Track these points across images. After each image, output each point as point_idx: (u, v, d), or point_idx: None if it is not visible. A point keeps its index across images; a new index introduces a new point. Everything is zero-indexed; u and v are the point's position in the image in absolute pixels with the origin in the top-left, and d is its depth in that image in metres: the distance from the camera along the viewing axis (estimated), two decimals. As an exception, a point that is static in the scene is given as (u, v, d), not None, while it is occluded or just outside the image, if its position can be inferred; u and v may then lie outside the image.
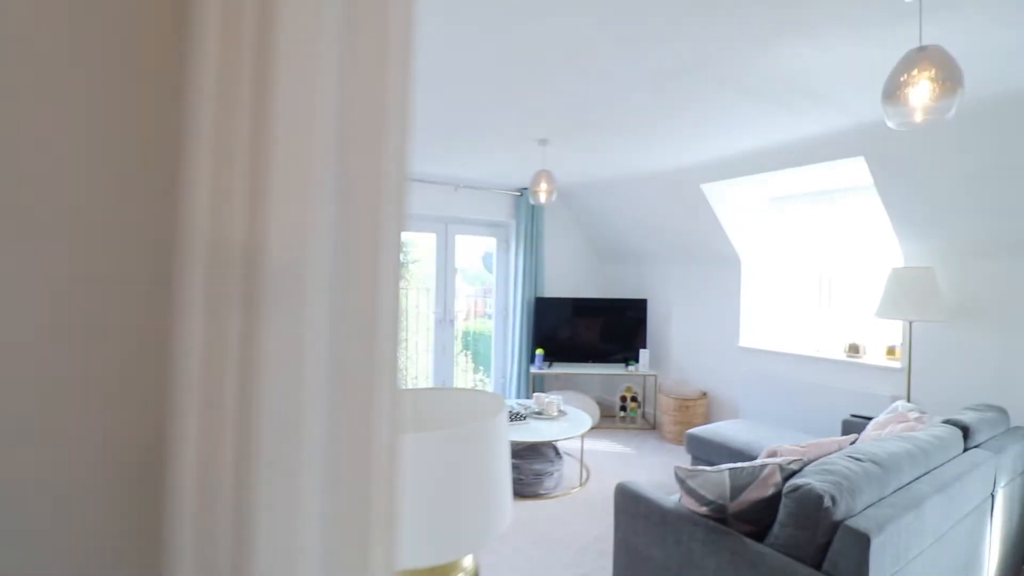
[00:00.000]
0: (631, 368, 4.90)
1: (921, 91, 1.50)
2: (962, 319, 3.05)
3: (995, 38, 1.84)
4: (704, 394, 4.51)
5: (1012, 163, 2.57)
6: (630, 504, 2.02)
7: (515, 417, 3.59)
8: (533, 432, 3.41)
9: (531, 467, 3.31)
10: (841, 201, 3.91)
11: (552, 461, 3.41)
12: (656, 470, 3.81)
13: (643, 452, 4.19)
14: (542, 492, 3.30)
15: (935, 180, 2.86)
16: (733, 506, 1.73)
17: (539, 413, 3.75)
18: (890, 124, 1.60)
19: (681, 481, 1.80)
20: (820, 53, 1.99)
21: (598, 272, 5.92)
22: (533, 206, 5.20)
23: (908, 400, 3.12)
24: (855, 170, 3.34)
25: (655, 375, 4.89)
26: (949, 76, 1.41)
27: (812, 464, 1.75)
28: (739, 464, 1.79)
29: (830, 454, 1.97)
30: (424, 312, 5.14)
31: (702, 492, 1.76)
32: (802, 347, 4.03)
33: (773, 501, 1.73)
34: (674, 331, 4.99)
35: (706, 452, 3.28)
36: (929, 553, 1.65)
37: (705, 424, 4.39)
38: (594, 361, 5.12)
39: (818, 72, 2.18)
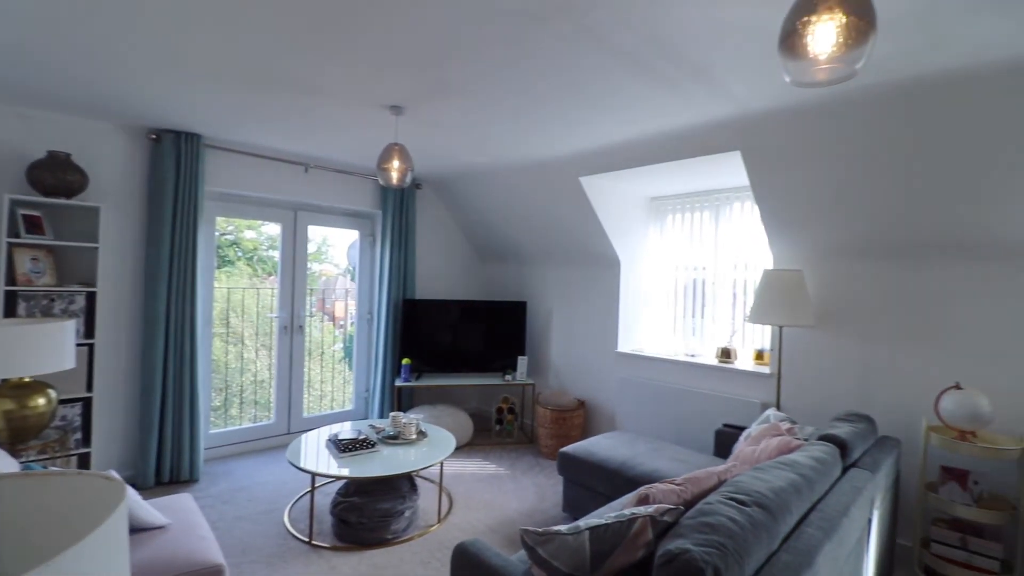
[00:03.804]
0: (508, 378, 4.47)
1: (823, 36, 1.17)
2: (828, 324, 3.00)
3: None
4: (582, 404, 4.21)
5: (874, 171, 2.49)
6: None
7: (361, 444, 2.95)
8: (381, 463, 2.81)
9: (376, 507, 2.71)
10: (719, 203, 3.81)
11: (405, 496, 2.83)
12: (530, 494, 3.39)
13: (516, 472, 3.77)
14: (389, 537, 2.71)
15: (807, 179, 2.75)
16: (595, 579, 1.29)
17: (394, 437, 3.15)
18: (787, 79, 1.27)
19: (530, 549, 1.33)
20: (701, 10, 1.66)
21: (479, 273, 5.45)
22: (403, 196, 4.59)
23: (779, 407, 3.01)
24: (733, 171, 3.19)
25: (533, 384, 4.52)
26: (859, 12, 1.09)
27: (690, 512, 1.38)
28: (601, 519, 1.36)
29: (709, 491, 1.63)
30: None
31: (556, 564, 1.30)
32: (677, 353, 3.87)
33: (645, 566, 1.33)
34: (553, 337, 4.66)
35: (580, 474, 2.91)
36: (822, 618, 1.35)
37: (583, 437, 4.10)
38: (471, 371, 4.62)
39: (698, 37, 1.85)
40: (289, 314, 4.23)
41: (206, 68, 2.32)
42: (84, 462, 3.04)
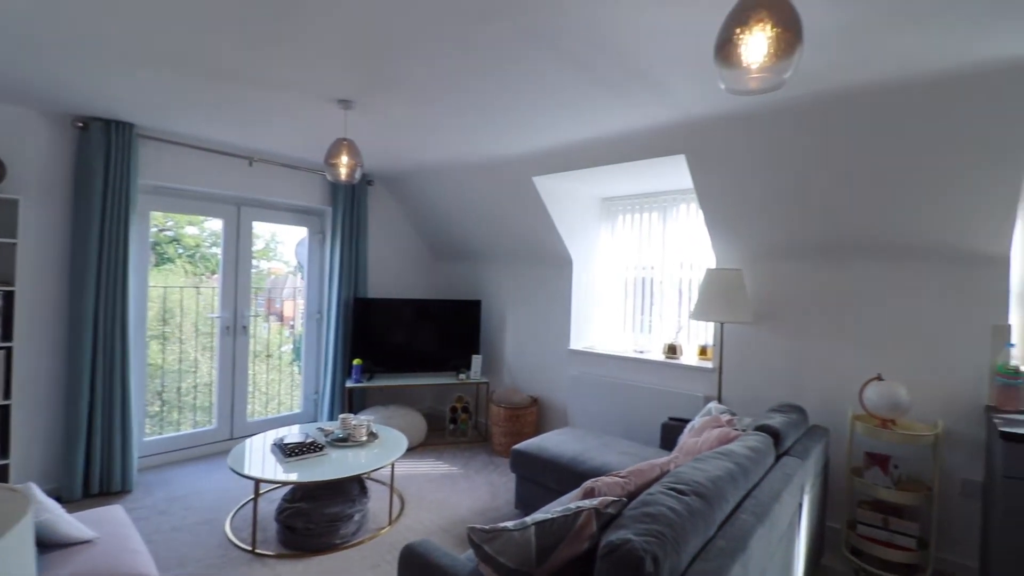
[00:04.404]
0: (462, 376, 4.46)
1: (755, 47, 1.23)
2: (765, 320, 3.15)
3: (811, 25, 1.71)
4: (535, 401, 4.26)
5: (804, 177, 2.64)
6: None
7: (308, 448, 2.87)
8: (330, 466, 2.74)
9: (324, 511, 2.64)
10: (667, 205, 3.93)
11: (354, 500, 2.78)
12: (482, 492, 3.39)
13: (470, 471, 3.76)
14: (337, 542, 2.65)
15: (743, 183, 2.88)
16: (541, 573, 1.31)
17: (343, 439, 3.08)
18: (722, 86, 1.32)
19: (476, 547, 1.34)
20: (641, 14, 1.71)
21: (432, 272, 5.40)
22: (354, 193, 4.48)
23: (720, 400, 3.14)
24: (679, 174, 3.30)
25: (487, 383, 4.52)
26: (786, 24, 1.15)
27: (633, 504, 1.42)
28: (548, 514, 1.38)
29: (652, 482, 1.69)
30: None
31: (502, 560, 1.31)
32: (626, 349, 3.97)
33: (590, 557, 1.36)
34: (508, 335, 4.68)
35: (532, 471, 2.94)
36: (754, 599, 1.42)
37: (536, 434, 4.13)
38: (424, 370, 4.57)
39: (640, 41, 1.91)
40: (232, 314, 4.06)
41: (135, 53, 2.19)
42: (2, 475, 2.81)
